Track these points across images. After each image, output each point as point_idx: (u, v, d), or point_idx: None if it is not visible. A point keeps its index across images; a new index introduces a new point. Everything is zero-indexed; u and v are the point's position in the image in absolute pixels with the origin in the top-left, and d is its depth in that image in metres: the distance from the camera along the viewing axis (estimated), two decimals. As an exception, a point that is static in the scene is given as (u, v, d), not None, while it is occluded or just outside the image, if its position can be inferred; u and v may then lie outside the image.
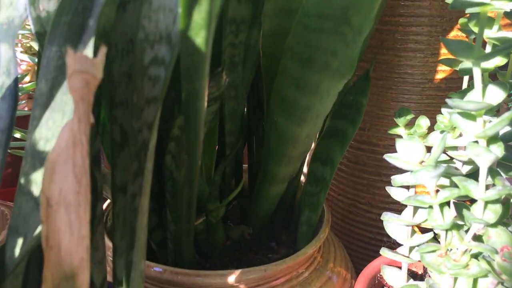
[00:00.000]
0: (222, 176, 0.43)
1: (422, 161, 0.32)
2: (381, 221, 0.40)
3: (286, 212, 0.47)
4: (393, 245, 0.41)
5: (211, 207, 0.39)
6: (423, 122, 0.39)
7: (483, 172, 0.30)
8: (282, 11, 0.36)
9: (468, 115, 0.30)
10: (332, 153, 0.42)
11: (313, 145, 0.46)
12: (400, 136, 0.40)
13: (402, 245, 0.40)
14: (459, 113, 0.30)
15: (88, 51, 0.24)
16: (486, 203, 0.30)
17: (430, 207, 0.32)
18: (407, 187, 0.40)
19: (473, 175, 0.37)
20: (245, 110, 0.46)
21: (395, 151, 0.50)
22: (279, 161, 0.38)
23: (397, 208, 0.52)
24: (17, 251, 0.26)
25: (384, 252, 0.39)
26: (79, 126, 0.21)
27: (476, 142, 0.31)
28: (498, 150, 0.29)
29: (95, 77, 0.21)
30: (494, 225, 0.31)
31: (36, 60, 0.70)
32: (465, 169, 0.38)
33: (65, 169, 0.21)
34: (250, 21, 0.37)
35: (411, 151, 0.32)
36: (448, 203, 0.33)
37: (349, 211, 0.57)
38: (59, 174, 0.21)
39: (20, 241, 0.26)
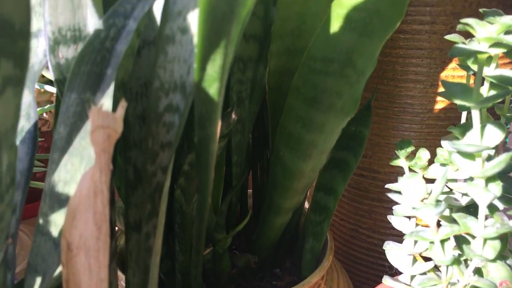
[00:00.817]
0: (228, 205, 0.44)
1: (424, 198, 0.33)
2: (383, 246, 0.41)
3: (290, 239, 0.48)
4: (395, 271, 0.42)
5: (218, 237, 0.40)
6: (424, 154, 0.41)
7: (482, 210, 0.31)
8: (288, 50, 0.37)
9: (467, 155, 0.31)
10: (335, 183, 0.43)
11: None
12: (401, 168, 0.41)
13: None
14: (458, 152, 0.32)
15: (107, 100, 0.26)
16: (485, 239, 0.31)
17: (431, 242, 0.33)
18: (408, 217, 0.41)
19: (473, 206, 0.38)
20: (250, 139, 0.47)
21: (395, 178, 0.51)
22: (285, 194, 0.39)
23: (398, 233, 0.53)
24: (35, 290, 0.27)
25: (386, 280, 0.40)
26: (100, 177, 0.22)
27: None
28: (496, 189, 0.30)
29: (116, 131, 0.22)
30: (493, 260, 0.32)
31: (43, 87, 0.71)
32: (465, 200, 0.39)
33: (86, 216, 0.22)
34: (257, 58, 0.38)
35: (412, 189, 0.33)
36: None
37: (351, 235, 0.58)
38: (80, 220, 0.22)
39: (38, 280, 0.27)
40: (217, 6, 0.21)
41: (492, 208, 0.33)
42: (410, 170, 0.41)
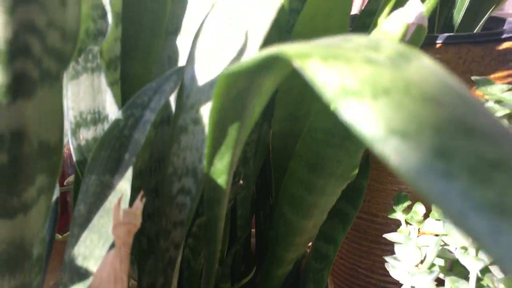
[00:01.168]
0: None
1: (419, 263, 0.35)
2: (381, 287, 0.43)
3: (291, 284, 0.50)
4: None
5: (224, 286, 0.42)
6: (419, 209, 0.43)
7: (473, 277, 0.33)
8: (291, 116, 0.40)
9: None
10: (335, 234, 0.45)
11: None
12: (398, 221, 0.43)
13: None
14: (451, 220, 0.34)
15: (125, 183, 0.28)
16: (476, 303, 0.33)
17: (426, 303, 0.35)
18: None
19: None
20: (254, 190, 0.49)
21: (393, 222, 0.53)
22: (287, 248, 0.42)
23: (396, 274, 0.56)
24: None
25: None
26: (120, 266, 0.24)
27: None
28: (486, 257, 0.33)
29: (135, 225, 0.24)
30: (483, 321, 0.34)
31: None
32: (458, 253, 0.41)
33: (106, 299, 0.24)
34: (261, 122, 0.41)
35: (408, 256, 0.35)
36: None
37: (350, 274, 0.60)
38: (101, 302, 0.24)
39: None
40: (225, 118, 0.23)
41: (483, 270, 0.35)
42: (407, 222, 0.43)
